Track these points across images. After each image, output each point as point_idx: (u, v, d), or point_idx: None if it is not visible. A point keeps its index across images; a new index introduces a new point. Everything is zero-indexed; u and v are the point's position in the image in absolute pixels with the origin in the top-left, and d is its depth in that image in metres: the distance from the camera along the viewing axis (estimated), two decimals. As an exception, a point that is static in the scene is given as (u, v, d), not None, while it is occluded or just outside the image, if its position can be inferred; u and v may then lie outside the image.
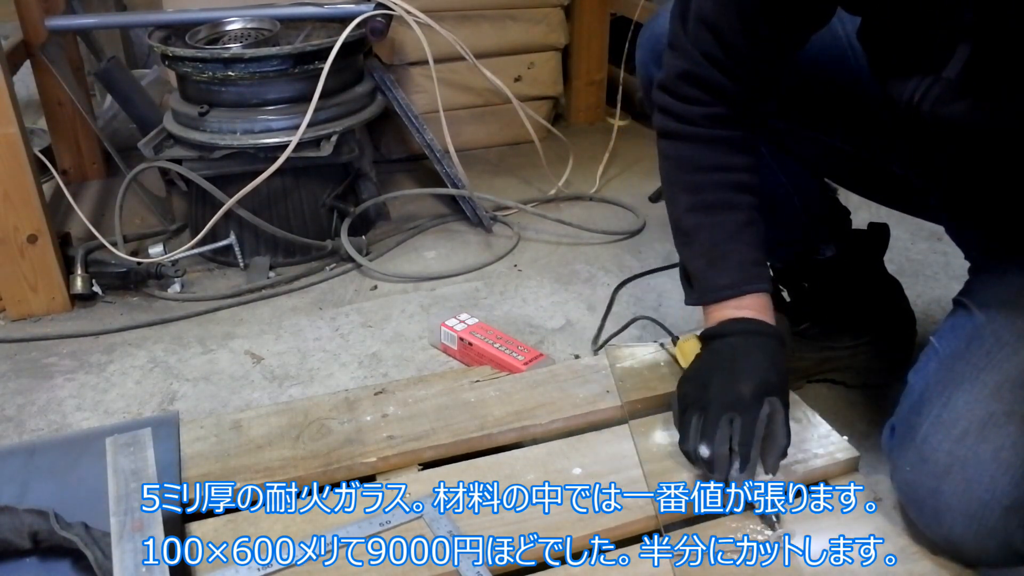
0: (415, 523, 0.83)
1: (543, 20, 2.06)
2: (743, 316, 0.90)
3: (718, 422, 0.82)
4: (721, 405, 0.83)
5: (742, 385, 0.84)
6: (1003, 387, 0.78)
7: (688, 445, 0.85)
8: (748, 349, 0.88)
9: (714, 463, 0.82)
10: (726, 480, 0.83)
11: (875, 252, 1.17)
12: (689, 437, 0.84)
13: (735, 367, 0.86)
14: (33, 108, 1.94)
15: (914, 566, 0.80)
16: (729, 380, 0.85)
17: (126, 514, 0.78)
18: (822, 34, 0.89)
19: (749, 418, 0.82)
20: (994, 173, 0.83)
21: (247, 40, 1.56)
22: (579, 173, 1.91)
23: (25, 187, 1.32)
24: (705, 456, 0.83)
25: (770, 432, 0.83)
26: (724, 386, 0.85)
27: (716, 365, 0.88)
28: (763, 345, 0.88)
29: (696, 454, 0.84)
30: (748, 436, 0.82)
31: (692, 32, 0.87)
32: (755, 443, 0.82)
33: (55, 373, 1.27)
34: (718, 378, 0.86)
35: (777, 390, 0.85)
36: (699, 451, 0.83)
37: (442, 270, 1.55)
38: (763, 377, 0.85)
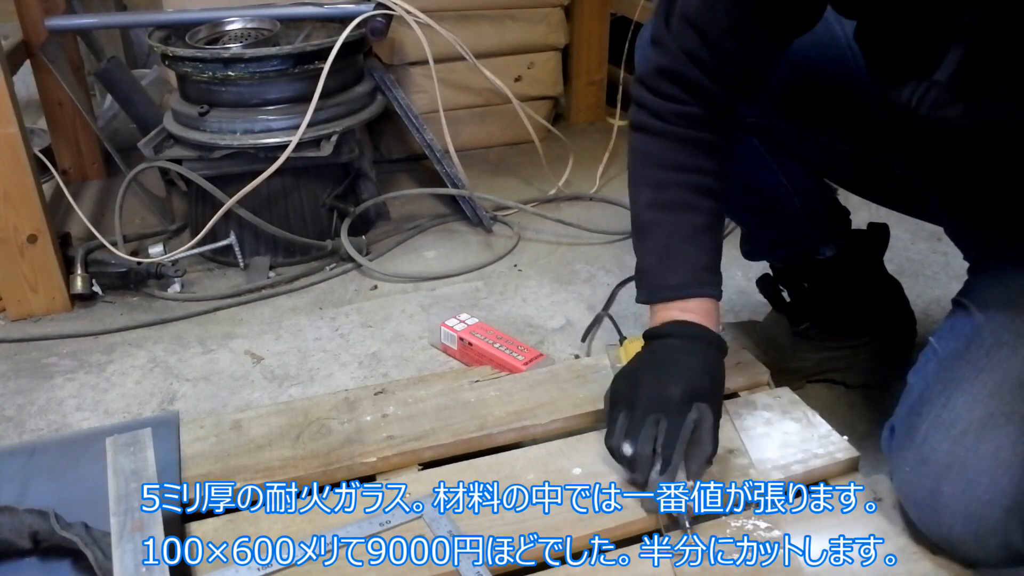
0: (415, 523, 0.83)
1: (543, 20, 2.06)
2: (685, 319, 0.89)
3: (644, 421, 0.82)
4: (648, 405, 0.83)
5: (672, 387, 0.83)
6: (1002, 387, 0.78)
7: (612, 441, 0.84)
8: (684, 352, 0.87)
9: (636, 463, 0.82)
10: (646, 481, 0.82)
11: (875, 252, 1.17)
12: (615, 433, 0.84)
13: (668, 368, 0.85)
14: (33, 108, 1.94)
15: (914, 566, 0.79)
16: (659, 381, 0.84)
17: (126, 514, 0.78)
18: (820, 34, 0.89)
19: (675, 421, 0.81)
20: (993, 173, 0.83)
21: (247, 40, 1.56)
22: (579, 173, 1.91)
23: (25, 187, 1.32)
24: (627, 454, 0.82)
25: (696, 438, 0.82)
26: (654, 386, 0.84)
27: (650, 365, 0.88)
28: (700, 350, 0.87)
29: (619, 452, 0.83)
30: (672, 439, 0.81)
31: (675, 29, 0.87)
32: (679, 446, 0.81)
33: (55, 373, 1.27)
34: (649, 378, 0.86)
35: (708, 396, 0.84)
36: (622, 449, 0.82)
37: (442, 270, 1.55)
38: (694, 382, 0.84)
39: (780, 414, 0.98)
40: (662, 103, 0.90)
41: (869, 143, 0.98)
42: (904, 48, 0.76)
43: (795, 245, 1.14)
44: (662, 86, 0.90)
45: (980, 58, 0.70)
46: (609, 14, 2.20)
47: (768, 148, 1.05)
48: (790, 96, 0.97)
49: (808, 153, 1.05)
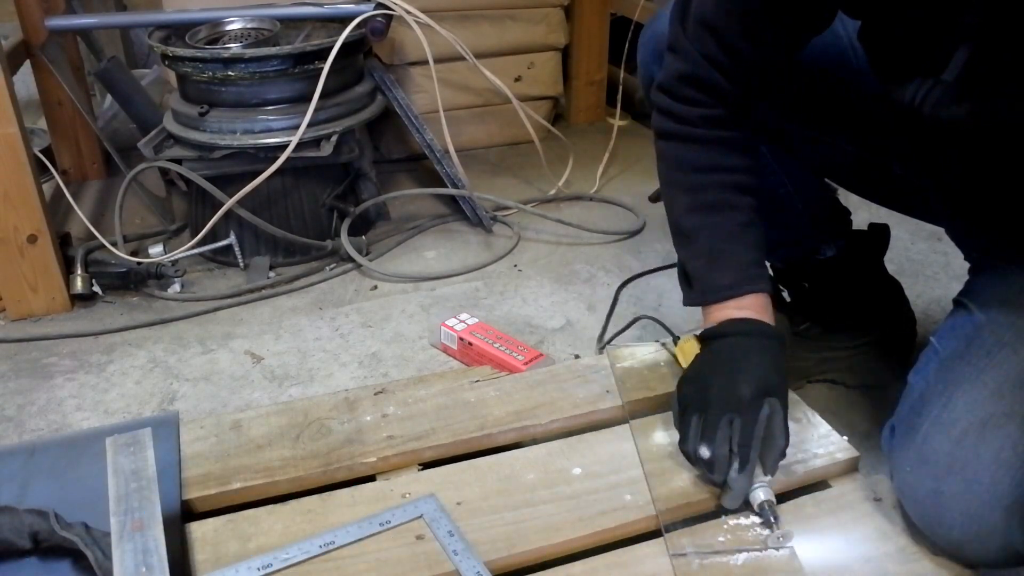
0: (415, 523, 0.83)
1: (543, 20, 2.06)
2: (743, 316, 0.89)
3: (718, 423, 0.82)
4: (721, 406, 0.83)
5: (742, 386, 0.84)
6: (1003, 387, 0.78)
7: (688, 446, 0.85)
8: (748, 350, 0.87)
9: (714, 464, 0.82)
10: (725, 481, 0.83)
11: (875, 252, 1.17)
12: (689, 438, 0.84)
13: (735, 368, 0.86)
14: (33, 108, 1.94)
15: (914, 566, 0.79)
16: (729, 381, 0.85)
17: (126, 514, 0.78)
18: (823, 35, 0.89)
19: (749, 419, 0.82)
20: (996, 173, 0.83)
21: (247, 40, 1.56)
22: (579, 173, 1.91)
23: (25, 187, 1.32)
24: (705, 457, 0.83)
25: (769, 433, 0.83)
26: (724, 387, 0.85)
27: (716, 366, 0.88)
28: (763, 346, 0.88)
29: (696, 455, 0.83)
30: (747, 438, 0.82)
31: (692, 34, 0.87)
32: (755, 445, 0.82)
33: (55, 373, 1.27)
34: (718, 379, 0.86)
35: (776, 391, 0.85)
36: (699, 452, 0.83)
37: (442, 270, 1.55)
38: (763, 378, 0.85)
39: (780, 414, 0.98)
40: (687, 108, 0.91)
41: (870, 143, 0.98)
42: (909, 48, 0.77)
43: (796, 245, 1.14)
44: (685, 91, 0.90)
45: (986, 58, 0.70)
46: (609, 14, 2.20)
47: (769, 148, 1.05)
48: (792, 96, 0.97)
49: (809, 153, 1.05)
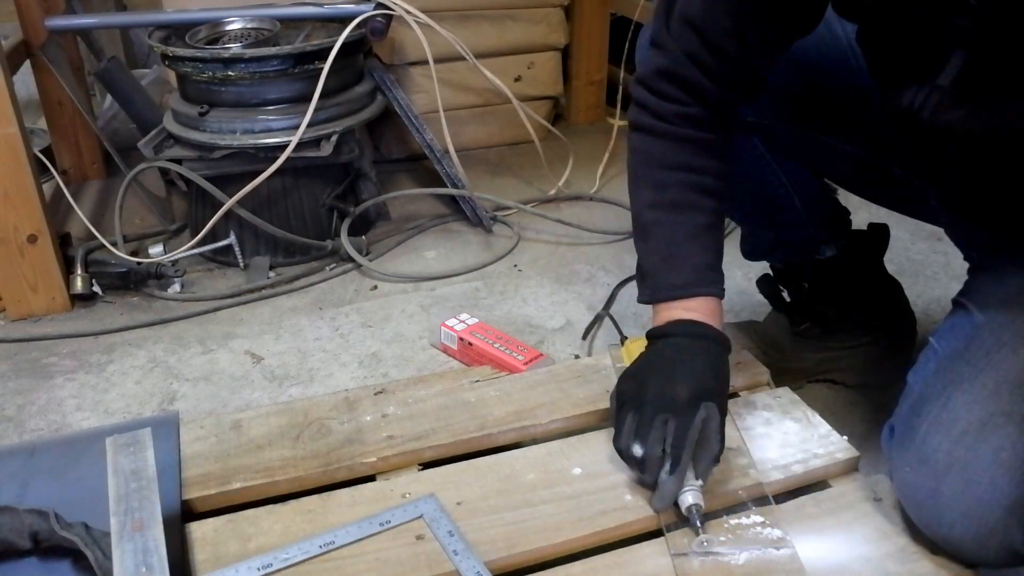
0: (415, 523, 0.83)
1: (543, 20, 2.06)
2: (689, 318, 0.89)
3: (652, 422, 0.82)
4: (657, 405, 0.83)
5: (679, 387, 0.83)
6: (1002, 387, 0.78)
7: (621, 443, 0.84)
8: (690, 351, 0.87)
9: (645, 463, 0.82)
10: (655, 481, 0.82)
11: (875, 252, 1.17)
12: (623, 435, 0.84)
13: (674, 368, 0.85)
14: (33, 108, 1.94)
15: (914, 566, 0.79)
16: (667, 381, 0.84)
17: (126, 514, 0.77)
18: (822, 34, 0.89)
19: (683, 421, 0.81)
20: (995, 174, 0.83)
21: (247, 40, 1.56)
22: (579, 173, 1.91)
23: (25, 187, 1.32)
24: (637, 456, 0.82)
25: (703, 437, 0.82)
26: (661, 387, 0.84)
27: (656, 365, 0.88)
28: (705, 349, 0.87)
29: (628, 453, 0.83)
30: (680, 439, 0.81)
31: (675, 31, 0.87)
32: (687, 447, 0.81)
33: (55, 373, 1.27)
34: (656, 378, 0.85)
35: (715, 395, 0.84)
36: (631, 450, 0.82)
37: (442, 270, 1.55)
38: (701, 381, 0.84)
39: (780, 414, 0.98)
40: (663, 103, 0.90)
41: (870, 144, 0.98)
42: (906, 52, 0.76)
43: (795, 245, 1.14)
44: (662, 87, 0.90)
45: (982, 63, 0.70)
46: (609, 14, 2.20)
47: (769, 148, 1.05)
48: (791, 96, 0.97)
49: (808, 153, 1.05)
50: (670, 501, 0.83)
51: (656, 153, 0.92)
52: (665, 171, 0.92)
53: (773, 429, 0.96)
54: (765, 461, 0.91)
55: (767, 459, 0.91)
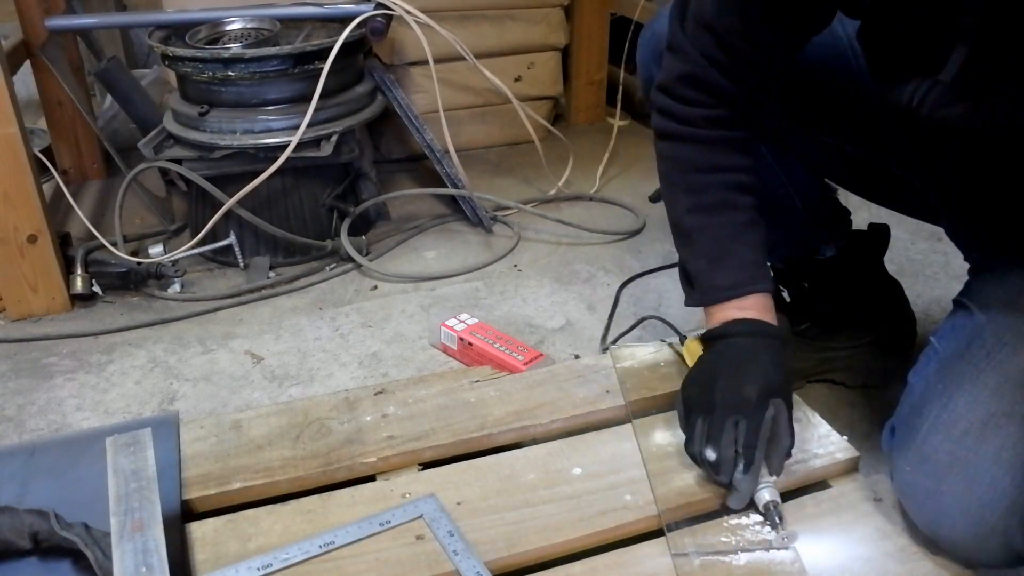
0: (415, 523, 0.83)
1: (543, 20, 2.06)
2: (746, 317, 0.89)
3: (723, 425, 0.82)
4: (726, 408, 0.83)
5: (747, 387, 0.84)
6: (1003, 387, 0.78)
7: (694, 448, 0.85)
8: (752, 350, 0.87)
9: (720, 466, 0.83)
10: (730, 482, 0.83)
11: (875, 252, 1.17)
12: (695, 440, 0.85)
13: (740, 369, 0.86)
14: (33, 108, 1.94)
15: (914, 566, 0.79)
16: (734, 382, 0.85)
17: (126, 514, 0.78)
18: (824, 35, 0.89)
19: (754, 421, 0.82)
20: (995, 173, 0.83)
21: (247, 40, 1.56)
22: (579, 173, 1.91)
23: (25, 187, 1.32)
24: (711, 460, 0.83)
25: (774, 434, 0.83)
26: (729, 388, 0.85)
27: (720, 367, 0.88)
28: (767, 346, 0.88)
29: (702, 457, 0.84)
30: (753, 439, 0.82)
31: (691, 34, 0.87)
32: (760, 446, 0.82)
33: (55, 373, 1.27)
34: (723, 380, 0.86)
35: (780, 391, 0.85)
36: (705, 454, 0.83)
37: (442, 270, 1.55)
38: (768, 379, 0.85)
39: (780, 414, 0.98)
40: (688, 109, 0.90)
41: (870, 144, 0.98)
42: (907, 48, 0.77)
43: (795, 245, 1.14)
44: (686, 92, 0.90)
45: (984, 59, 0.70)
46: (609, 14, 2.20)
47: (769, 147, 1.05)
48: (792, 96, 0.97)
49: (809, 152, 1.05)
50: (747, 500, 0.84)
51: (688, 158, 0.93)
52: (699, 174, 0.92)
53: (773, 429, 0.96)
54: (765, 461, 0.91)
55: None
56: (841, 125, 0.99)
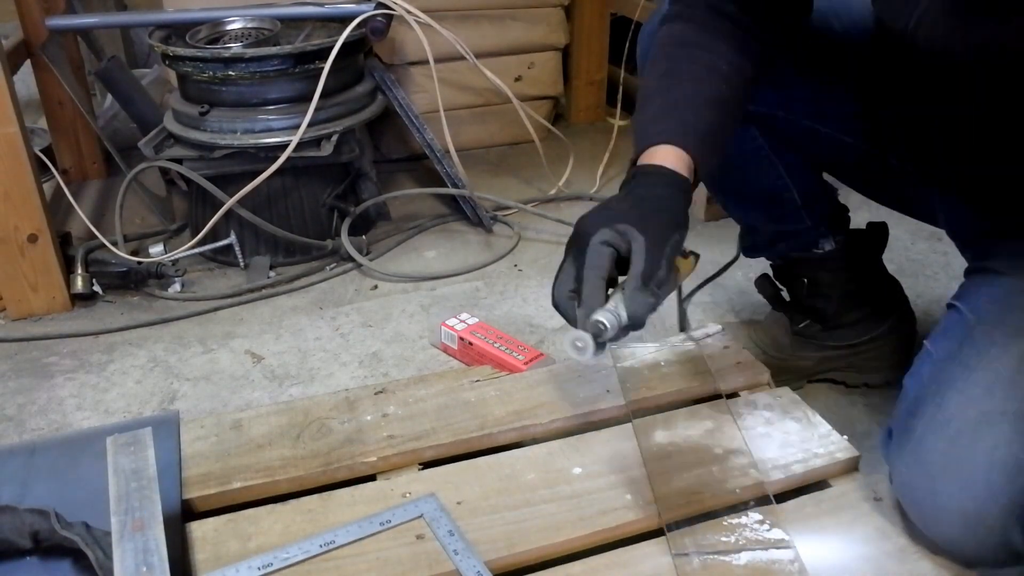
0: (415, 523, 0.83)
1: (543, 20, 2.06)
2: (652, 163, 0.80)
3: (564, 262, 0.76)
4: (570, 245, 0.77)
5: (589, 223, 0.76)
6: (995, 386, 0.78)
7: None
8: (637, 183, 0.80)
9: (558, 308, 0.75)
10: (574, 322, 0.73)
11: (874, 250, 1.17)
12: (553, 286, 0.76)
13: (607, 202, 0.80)
14: (33, 108, 1.94)
15: (914, 566, 0.80)
16: (590, 215, 0.77)
17: (127, 514, 0.78)
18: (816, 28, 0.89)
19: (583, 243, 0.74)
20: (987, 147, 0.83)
21: (247, 40, 1.56)
22: (579, 173, 1.91)
23: (25, 186, 1.32)
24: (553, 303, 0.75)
25: (631, 272, 0.72)
26: (583, 223, 0.76)
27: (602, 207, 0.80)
28: (655, 178, 0.79)
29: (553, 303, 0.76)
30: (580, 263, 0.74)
31: None
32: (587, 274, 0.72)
33: (55, 373, 1.27)
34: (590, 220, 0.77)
35: (635, 218, 0.75)
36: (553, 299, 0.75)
37: (442, 270, 1.55)
38: (623, 205, 0.77)
39: (780, 414, 0.99)
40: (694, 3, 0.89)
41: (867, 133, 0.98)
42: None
43: (793, 239, 1.14)
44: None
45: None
46: (609, 14, 2.20)
47: (767, 139, 1.05)
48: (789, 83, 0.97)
49: (807, 144, 1.05)
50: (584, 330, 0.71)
51: (677, 34, 0.90)
52: (679, 47, 0.89)
53: (773, 429, 0.96)
54: (765, 461, 0.91)
55: (767, 459, 0.91)
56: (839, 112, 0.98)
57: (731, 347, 1.12)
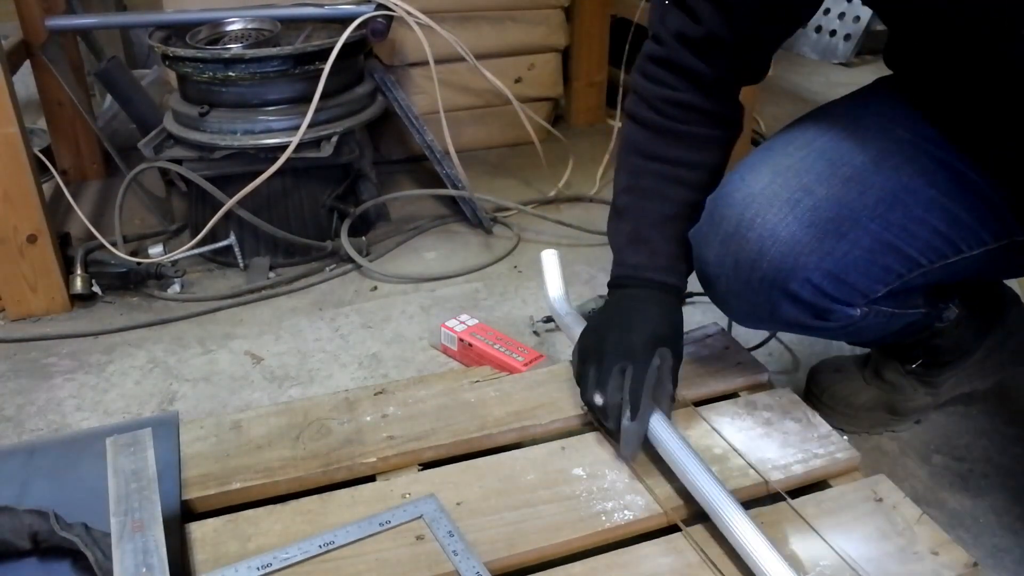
0: (415, 523, 0.83)
1: (543, 21, 2.06)
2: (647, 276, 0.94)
3: (611, 371, 0.87)
4: (614, 355, 0.88)
5: (634, 336, 0.88)
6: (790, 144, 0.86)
7: (586, 396, 0.89)
8: (645, 301, 0.93)
9: (607, 411, 0.86)
10: (618, 428, 0.86)
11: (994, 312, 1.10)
12: (587, 387, 0.89)
13: (630, 319, 0.91)
14: (33, 108, 1.94)
15: (914, 566, 0.79)
16: (624, 331, 0.90)
17: (126, 514, 0.77)
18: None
19: (640, 367, 0.86)
20: None
21: (248, 40, 1.56)
22: (579, 174, 1.91)
23: (25, 187, 1.32)
24: (598, 404, 0.87)
25: (660, 381, 0.88)
26: (618, 337, 0.89)
27: (614, 317, 0.93)
28: (660, 298, 0.93)
29: (591, 403, 0.88)
30: (638, 385, 0.86)
31: (667, 18, 0.90)
32: (645, 391, 0.85)
33: (55, 373, 1.27)
34: (614, 329, 0.91)
35: (668, 341, 0.89)
36: (593, 400, 0.87)
37: (442, 271, 1.55)
38: (654, 328, 0.90)
39: (780, 414, 0.98)
40: (652, 88, 0.93)
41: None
42: None
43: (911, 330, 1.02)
44: (654, 71, 0.93)
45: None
46: (609, 16, 2.21)
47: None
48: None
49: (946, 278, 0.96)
50: (635, 445, 0.87)
51: (636, 140, 0.96)
52: (642, 159, 0.95)
53: (773, 429, 0.96)
54: (765, 461, 0.91)
55: (767, 459, 0.91)
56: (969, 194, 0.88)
57: (731, 347, 1.12)
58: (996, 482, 1.03)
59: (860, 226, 0.83)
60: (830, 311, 0.87)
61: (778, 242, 0.83)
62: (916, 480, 1.03)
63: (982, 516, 0.98)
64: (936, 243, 0.86)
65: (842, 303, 0.86)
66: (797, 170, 0.85)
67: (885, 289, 0.87)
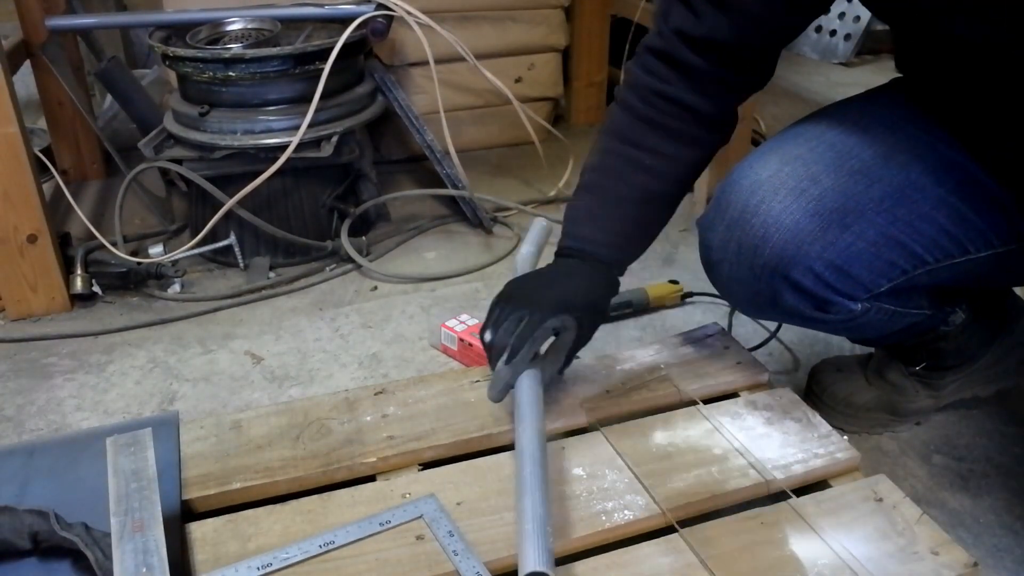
0: (415, 523, 0.83)
1: (544, 21, 2.06)
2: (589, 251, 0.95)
3: (509, 316, 0.88)
4: (519, 304, 0.89)
5: (546, 294, 0.90)
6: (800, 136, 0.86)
7: (482, 331, 0.91)
8: (575, 270, 0.94)
9: (492, 350, 0.89)
10: (494, 368, 0.89)
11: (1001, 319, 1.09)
12: (486, 324, 0.91)
13: (551, 279, 0.93)
14: (33, 108, 1.94)
15: (914, 566, 0.79)
16: (539, 287, 0.93)
17: (126, 514, 0.78)
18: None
19: (535, 320, 0.87)
20: None
21: (248, 40, 1.56)
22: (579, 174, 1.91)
23: (25, 187, 1.32)
24: (485, 340, 0.89)
25: (555, 346, 0.92)
26: (532, 291, 0.92)
27: (539, 275, 0.97)
28: (589, 272, 0.94)
29: (481, 338, 0.90)
30: (526, 333, 0.87)
31: (669, 15, 0.90)
32: (529, 343, 0.87)
33: (55, 373, 1.27)
34: (532, 284, 0.95)
35: (577, 311, 0.90)
36: (484, 336, 0.89)
37: (442, 271, 1.55)
38: (568, 296, 0.90)
39: (780, 414, 0.99)
40: (644, 78, 0.93)
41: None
42: None
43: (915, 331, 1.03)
44: (650, 62, 0.93)
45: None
46: (609, 15, 2.20)
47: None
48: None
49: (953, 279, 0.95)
50: (501, 389, 0.90)
51: (615, 123, 0.97)
52: (616, 142, 0.96)
53: (773, 429, 0.96)
54: (765, 461, 0.91)
55: (767, 459, 0.91)
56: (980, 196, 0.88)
57: (731, 346, 1.12)
58: (996, 482, 1.03)
59: (865, 218, 0.83)
60: (831, 303, 0.87)
61: (782, 229, 0.83)
62: (916, 480, 1.03)
63: (982, 516, 0.98)
64: (942, 241, 0.86)
65: (843, 295, 0.87)
66: (805, 160, 0.85)
67: (888, 284, 0.87)
